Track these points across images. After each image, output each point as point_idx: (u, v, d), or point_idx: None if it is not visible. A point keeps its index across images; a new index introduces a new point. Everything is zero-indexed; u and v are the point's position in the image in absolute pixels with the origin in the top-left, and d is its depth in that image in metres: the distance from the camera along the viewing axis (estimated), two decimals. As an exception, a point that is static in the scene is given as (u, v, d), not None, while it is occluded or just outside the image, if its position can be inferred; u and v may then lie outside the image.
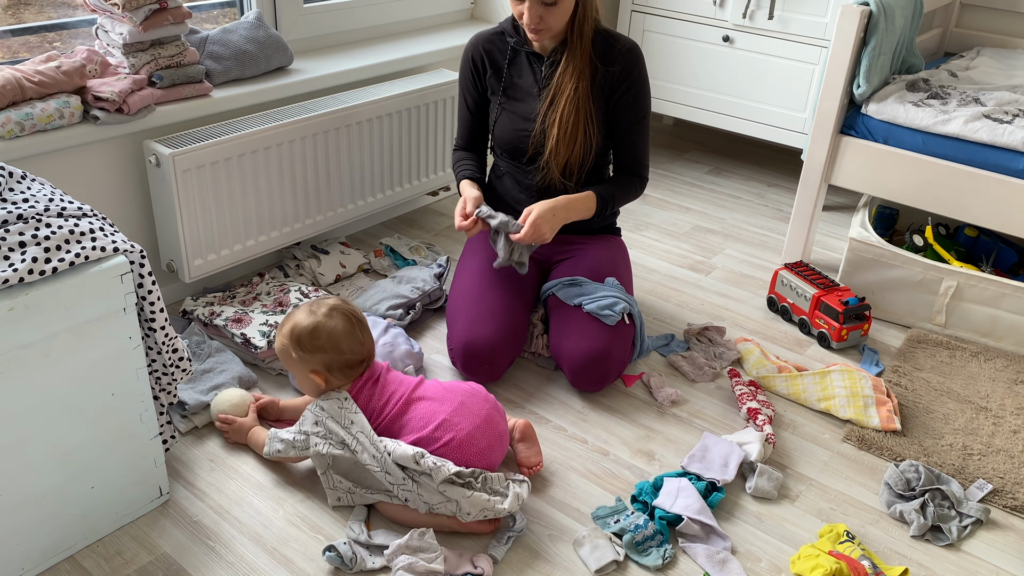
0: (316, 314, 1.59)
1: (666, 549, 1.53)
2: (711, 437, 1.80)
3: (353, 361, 1.59)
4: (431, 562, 1.43)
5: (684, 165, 3.36)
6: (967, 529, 1.63)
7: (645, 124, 2.04)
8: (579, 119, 1.94)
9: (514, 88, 2.03)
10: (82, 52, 1.93)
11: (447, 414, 1.57)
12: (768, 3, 2.83)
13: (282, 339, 1.60)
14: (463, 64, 2.10)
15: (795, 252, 2.59)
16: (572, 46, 1.92)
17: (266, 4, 2.35)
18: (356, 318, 1.62)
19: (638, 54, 1.98)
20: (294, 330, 1.58)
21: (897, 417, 1.89)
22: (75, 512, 1.46)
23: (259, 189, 2.18)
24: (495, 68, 2.05)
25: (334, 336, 1.57)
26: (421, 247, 2.53)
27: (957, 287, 2.19)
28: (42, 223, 1.33)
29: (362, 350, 1.60)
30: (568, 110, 1.93)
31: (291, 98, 2.31)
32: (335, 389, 1.60)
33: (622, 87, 1.97)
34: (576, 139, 1.95)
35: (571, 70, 1.92)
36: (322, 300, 1.63)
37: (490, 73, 2.05)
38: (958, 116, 2.22)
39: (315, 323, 1.58)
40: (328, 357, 1.57)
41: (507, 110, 2.04)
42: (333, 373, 1.59)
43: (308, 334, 1.57)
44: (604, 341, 1.89)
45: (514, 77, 2.03)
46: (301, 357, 1.58)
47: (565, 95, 1.93)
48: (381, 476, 1.51)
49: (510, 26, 2.02)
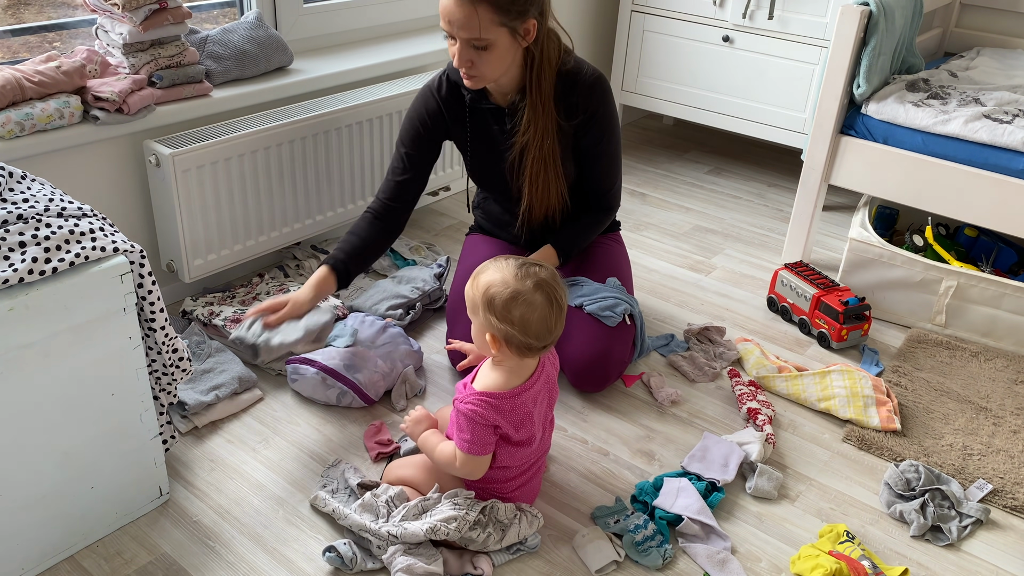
0: (522, 282, 1.41)
1: (666, 549, 1.53)
2: (711, 437, 1.80)
3: (534, 347, 1.43)
4: (430, 563, 1.43)
5: (684, 165, 3.36)
6: (967, 529, 1.63)
7: (613, 153, 1.93)
8: (549, 175, 1.84)
9: (479, 145, 1.94)
10: (82, 52, 1.93)
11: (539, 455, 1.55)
12: (768, 3, 2.83)
13: (474, 289, 1.44)
14: (416, 113, 1.93)
15: (795, 252, 2.59)
16: (532, 101, 1.78)
17: (266, 4, 2.35)
18: (558, 302, 1.44)
19: (601, 91, 1.85)
20: (490, 288, 1.41)
21: (897, 417, 1.89)
22: (75, 512, 1.46)
23: (259, 189, 2.18)
24: (456, 122, 1.93)
25: (527, 314, 1.40)
26: (421, 247, 2.53)
27: (957, 287, 2.19)
28: (42, 223, 1.33)
29: (548, 338, 1.44)
30: (536, 168, 1.84)
31: (291, 98, 2.31)
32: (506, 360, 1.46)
33: (589, 130, 1.87)
34: (549, 193, 1.87)
35: (533, 128, 1.80)
36: (533, 266, 1.45)
37: (451, 128, 1.94)
38: (958, 116, 2.22)
39: (516, 292, 1.40)
40: (511, 332, 1.41)
41: (478, 159, 1.97)
42: (509, 347, 1.43)
43: (505, 301, 1.40)
44: (605, 343, 1.89)
45: (478, 132, 1.92)
46: (487, 318, 1.42)
47: (531, 155, 1.82)
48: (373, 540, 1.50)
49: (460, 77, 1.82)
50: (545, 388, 1.51)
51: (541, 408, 1.51)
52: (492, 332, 1.43)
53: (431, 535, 1.44)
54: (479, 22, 1.65)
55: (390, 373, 1.91)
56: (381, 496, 1.53)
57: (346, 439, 1.79)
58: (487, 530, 1.48)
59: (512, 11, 1.67)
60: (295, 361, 1.90)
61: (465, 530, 1.46)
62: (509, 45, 1.71)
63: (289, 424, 1.83)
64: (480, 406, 1.42)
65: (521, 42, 1.73)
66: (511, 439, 1.46)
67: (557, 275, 1.46)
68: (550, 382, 1.53)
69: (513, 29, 1.69)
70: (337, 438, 1.80)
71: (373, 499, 1.52)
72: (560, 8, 3.13)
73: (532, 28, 1.72)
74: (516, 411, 1.44)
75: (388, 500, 1.52)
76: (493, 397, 1.43)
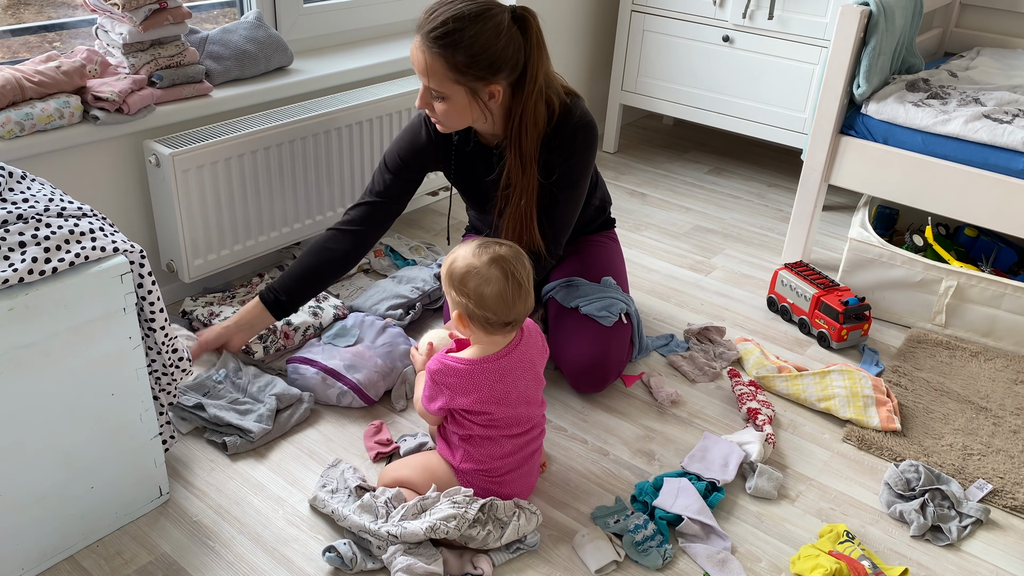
0: (478, 258, 1.45)
1: (666, 549, 1.53)
2: (711, 437, 1.80)
3: (493, 321, 1.45)
4: (430, 562, 1.43)
5: (684, 165, 3.36)
6: (967, 529, 1.63)
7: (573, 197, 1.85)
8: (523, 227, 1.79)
9: (466, 182, 1.93)
10: (82, 52, 1.93)
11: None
12: (768, 3, 2.83)
13: (444, 267, 1.50)
14: (405, 140, 1.90)
15: (795, 252, 2.59)
16: (512, 159, 1.74)
17: (266, 4, 2.35)
18: (515, 277, 1.45)
19: (583, 139, 1.79)
20: (452, 264, 1.47)
21: (897, 417, 1.89)
22: (75, 512, 1.46)
23: (259, 189, 2.18)
24: (442, 158, 1.91)
25: (481, 288, 1.43)
26: (421, 247, 2.53)
27: (957, 287, 2.19)
28: (42, 223, 1.33)
29: (508, 313, 1.45)
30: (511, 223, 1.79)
31: (291, 98, 2.31)
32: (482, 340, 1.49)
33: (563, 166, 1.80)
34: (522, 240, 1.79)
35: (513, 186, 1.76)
36: (493, 243, 1.48)
37: (438, 162, 1.92)
38: (958, 116, 2.22)
39: (470, 266, 1.44)
40: (469, 305, 1.44)
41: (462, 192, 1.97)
42: (473, 323, 1.46)
43: (460, 276, 1.45)
44: (602, 344, 1.89)
45: (464, 169, 1.91)
46: (451, 296, 1.47)
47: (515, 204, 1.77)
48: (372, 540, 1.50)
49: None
50: (520, 367, 1.51)
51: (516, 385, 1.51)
52: (457, 308, 1.48)
53: (431, 534, 1.44)
54: (436, 73, 1.64)
55: (390, 373, 1.91)
56: (380, 497, 1.53)
57: (346, 439, 1.80)
58: (487, 528, 1.48)
59: (468, 73, 1.64)
60: (295, 361, 1.90)
61: (464, 528, 1.46)
62: (468, 102, 1.68)
63: (289, 424, 1.83)
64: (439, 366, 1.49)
65: (485, 103, 1.69)
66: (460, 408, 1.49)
67: (519, 254, 1.48)
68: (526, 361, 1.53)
69: (472, 89, 1.66)
70: (337, 438, 1.80)
71: (372, 499, 1.52)
72: (560, 8, 3.13)
73: (497, 93, 1.68)
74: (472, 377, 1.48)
75: (387, 501, 1.52)
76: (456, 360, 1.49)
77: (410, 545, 1.46)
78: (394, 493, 1.53)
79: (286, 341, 1.98)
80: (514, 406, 1.50)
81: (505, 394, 1.49)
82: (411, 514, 1.48)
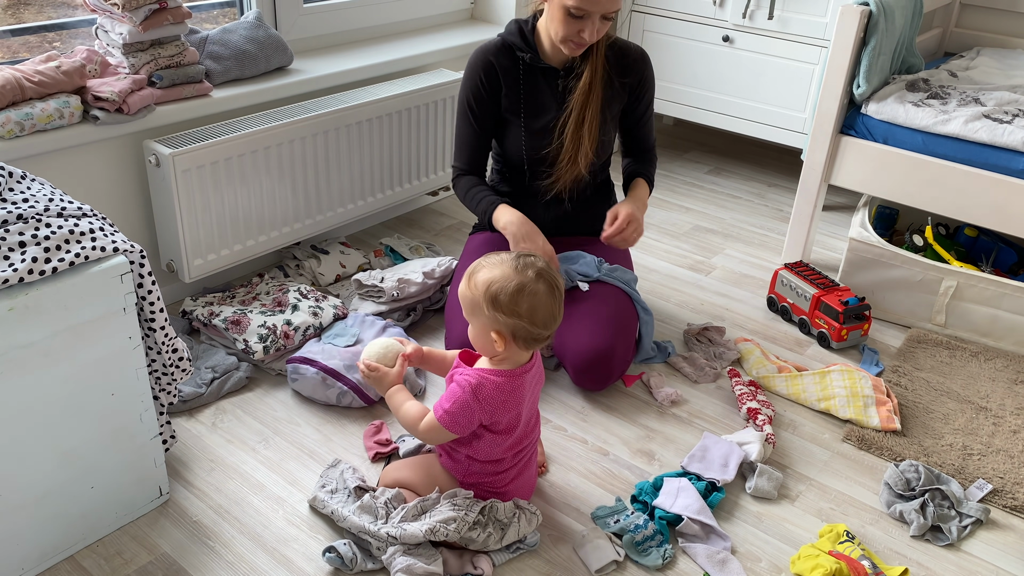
0: (523, 273, 1.40)
1: (666, 549, 1.53)
2: (711, 437, 1.80)
3: (541, 336, 1.43)
4: (430, 563, 1.43)
5: (684, 165, 3.36)
6: (967, 529, 1.63)
7: (652, 112, 2.12)
8: (596, 130, 1.96)
9: (532, 104, 1.99)
10: (82, 52, 1.93)
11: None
12: (768, 3, 2.83)
13: (472, 289, 1.42)
14: (472, 81, 1.98)
15: (795, 252, 2.59)
16: (592, 61, 1.92)
17: (266, 4, 2.35)
18: (557, 288, 1.43)
19: (648, 61, 2.04)
20: (491, 285, 1.40)
21: (897, 417, 1.89)
22: (75, 512, 1.46)
23: (259, 189, 2.18)
24: (509, 84, 1.98)
25: (535, 304, 1.40)
26: (421, 247, 2.53)
27: (957, 287, 2.19)
28: (42, 223, 1.33)
29: (554, 325, 1.44)
30: (590, 122, 1.94)
31: (291, 98, 2.31)
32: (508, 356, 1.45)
33: (638, 93, 2.03)
34: (594, 148, 1.97)
35: (590, 85, 1.92)
36: (528, 257, 1.45)
37: (505, 90, 1.98)
38: (958, 116, 2.22)
39: (521, 284, 1.39)
40: (520, 325, 1.40)
41: (525, 127, 2.00)
42: (516, 341, 1.42)
43: (510, 295, 1.39)
44: (608, 339, 1.89)
45: (531, 93, 1.99)
46: (492, 316, 1.40)
47: (589, 109, 1.93)
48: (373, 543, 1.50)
49: (518, 39, 1.94)
50: (536, 378, 1.51)
51: (532, 397, 1.52)
52: (498, 329, 1.41)
53: (430, 536, 1.44)
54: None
55: (390, 373, 1.90)
56: (380, 498, 1.53)
57: (346, 439, 1.80)
58: (487, 530, 1.48)
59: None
60: (295, 361, 1.90)
61: (464, 531, 1.46)
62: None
63: (289, 424, 1.83)
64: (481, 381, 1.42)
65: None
66: (497, 426, 1.45)
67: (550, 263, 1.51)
68: (539, 371, 1.53)
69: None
70: (337, 438, 1.80)
71: (372, 500, 1.52)
72: (560, 8, 3.13)
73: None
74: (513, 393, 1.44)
75: (387, 502, 1.52)
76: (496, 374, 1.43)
77: (410, 546, 1.46)
78: (394, 494, 1.53)
79: (286, 341, 1.98)
80: (519, 414, 1.49)
81: (532, 405, 1.48)
82: (411, 516, 1.48)
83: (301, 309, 2.04)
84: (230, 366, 1.93)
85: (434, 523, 1.45)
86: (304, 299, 2.08)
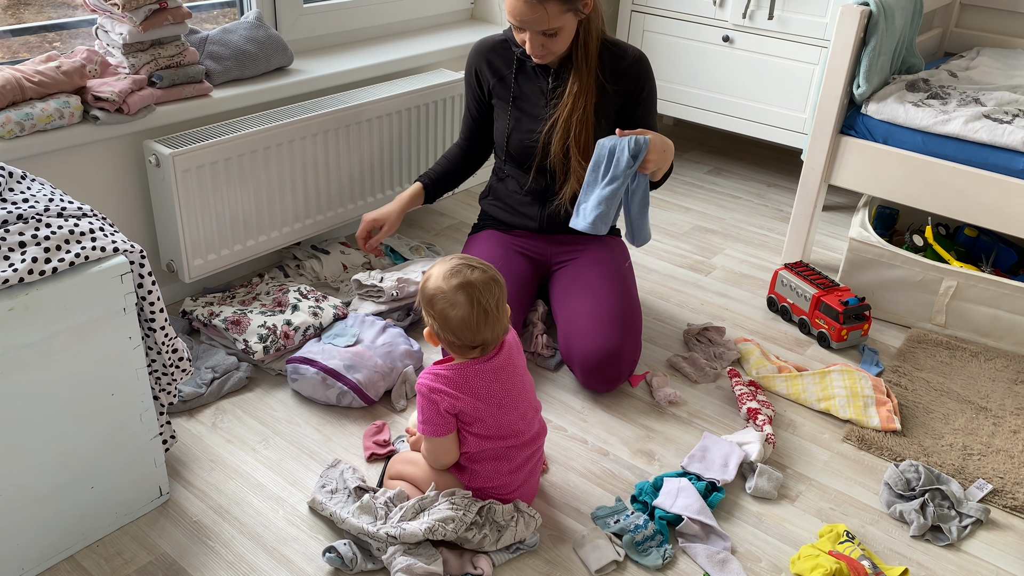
0: (447, 281, 1.45)
1: (666, 549, 1.53)
2: (711, 437, 1.80)
3: (456, 344, 1.48)
4: (430, 563, 1.43)
5: (684, 165, 3.36)
6: (967, 529, 1.63)
7: (654, 114, 2.12)
8: (582, 137, 1.95)
9: (521, 98, 2.04)
10: (82, 52, 1.93)
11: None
12: (768, 3, 2.83)
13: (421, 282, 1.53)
14: (467, 73, 2.12)
15: (795, 252, 2.59)
16: (577, 66, 1.92)
17: (266, 4, 2.35)
18: (481, 305, 1.44)
19: (645, 65, 2.01)
20: (425, 282, 1.49)
21: (897, 417, 1.89)
22: (75, 512, 1.46)
23: (259, 189, 2.18)
24: (499, 77, 2.05)
25: (447, 314, 1.45)
26: (421, 247, 2.53)
27: (957, 287, 2.19)
28: (42, 223, 1.33)
29: (474, 337, 1.46)
30: (577, 128, 1.94)
31: (291, 98, 2.31)
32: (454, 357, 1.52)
33: (634, 99, 2.01)
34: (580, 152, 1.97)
35: (577, 90, 1.93)
36: (466, 267, 1.47)
37: (493, 83, 2.06)
38: (958, 116, 2.22)
39: (436, 290, 1.46)
40: (435, 324, 1.47)
41: (515, 119, 2.05)
42: (441, 340, 1.49)
43: (427, 297, 1.47)
44: (615, 339, 1.88)
45: (521, 87, 2.04)
46: (424, 311, 1.50)
47: (575, 115, 1.93)
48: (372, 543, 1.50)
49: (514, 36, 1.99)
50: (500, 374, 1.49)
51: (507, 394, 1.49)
52: (429, 326, 1.50)
53: (429, 535, 1.44)
54: (548, 17, 1.80)
55: (390, 373, 1.91)
56: (380, 497, 1.53)
57: (346, 439, 1.80)
58: (483, 531, 1.48)
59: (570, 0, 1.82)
60: (295, 361, 1.90)
61: (462, 531, 1.46)
62: (573, 24, 1.87)
63: (289, 424, 1.83)
64: (431, 379, 1.47)
65: (581, 15, 1.87)
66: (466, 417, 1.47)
67: (491, 281, 1.46)
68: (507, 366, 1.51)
69: (576, 9, 1.84)
70: (337, 438, 1.80)
71: (372, 500, 1.52)
72: (560, 8, 3.13)
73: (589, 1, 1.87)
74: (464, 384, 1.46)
75: (387, 501, 1.52)
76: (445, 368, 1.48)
77: (410, 545, 1.46)
78: (396, 492, 1.53)
79: (286, 341, 1.98)
80: (515, 407, 1.50)
81: (505, 394, 1.48)
82: (410, 514, 1.48)
83: (301, 309, 2.04)
84: (230, 366, 1.93)
85: (433, 522, 1.45)
86: (304, 299, 2.09)
